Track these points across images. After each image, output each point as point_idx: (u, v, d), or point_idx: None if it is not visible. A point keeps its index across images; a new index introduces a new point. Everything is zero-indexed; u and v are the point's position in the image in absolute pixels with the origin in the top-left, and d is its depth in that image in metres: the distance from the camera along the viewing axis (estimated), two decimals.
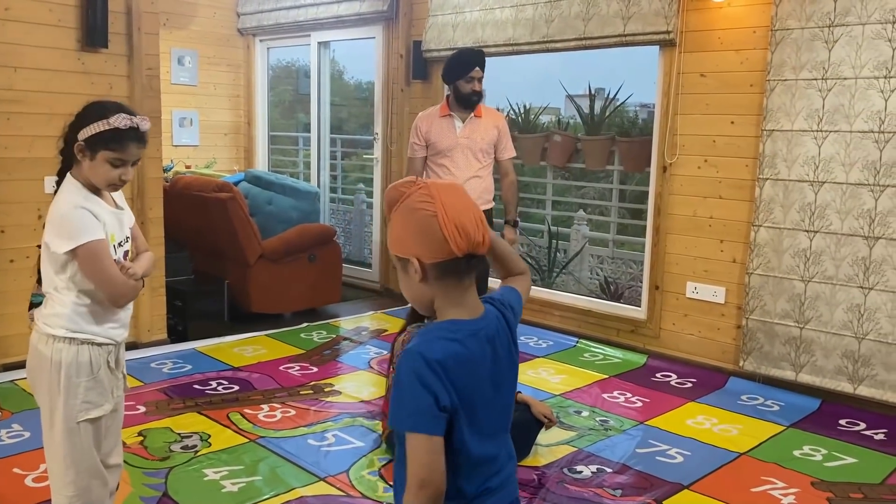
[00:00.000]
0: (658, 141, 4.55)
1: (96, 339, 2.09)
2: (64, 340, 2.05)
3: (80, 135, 2.02)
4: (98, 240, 2.02)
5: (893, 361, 3.73)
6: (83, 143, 2.02)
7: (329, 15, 6.29)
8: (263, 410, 3.62)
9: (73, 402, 2.07)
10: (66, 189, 2.06)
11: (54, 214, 2.04)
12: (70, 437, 2.08)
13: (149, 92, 4.39)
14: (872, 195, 3.74)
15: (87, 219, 2.02)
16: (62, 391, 2.06)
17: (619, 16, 4.55)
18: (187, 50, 6.67)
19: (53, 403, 2.08)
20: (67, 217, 2.01)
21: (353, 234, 7.67)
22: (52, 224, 2.03)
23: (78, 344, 2.06)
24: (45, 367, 2.07)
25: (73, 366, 2.06)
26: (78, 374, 2.07)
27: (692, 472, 3.11)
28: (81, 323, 2.07)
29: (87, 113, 2.04)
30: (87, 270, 2.02)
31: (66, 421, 2.07)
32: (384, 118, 6.09)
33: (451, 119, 4.02)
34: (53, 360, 2.05)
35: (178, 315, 4.81)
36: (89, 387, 2.09)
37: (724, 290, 4.34)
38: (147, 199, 4.44)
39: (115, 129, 2.00)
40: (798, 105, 3.94)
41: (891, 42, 3.64)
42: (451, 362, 1.30)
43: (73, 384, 2.06)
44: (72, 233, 2.00)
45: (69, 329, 2.05)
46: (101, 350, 2.11)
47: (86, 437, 2.10)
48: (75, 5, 4.07)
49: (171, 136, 6.55)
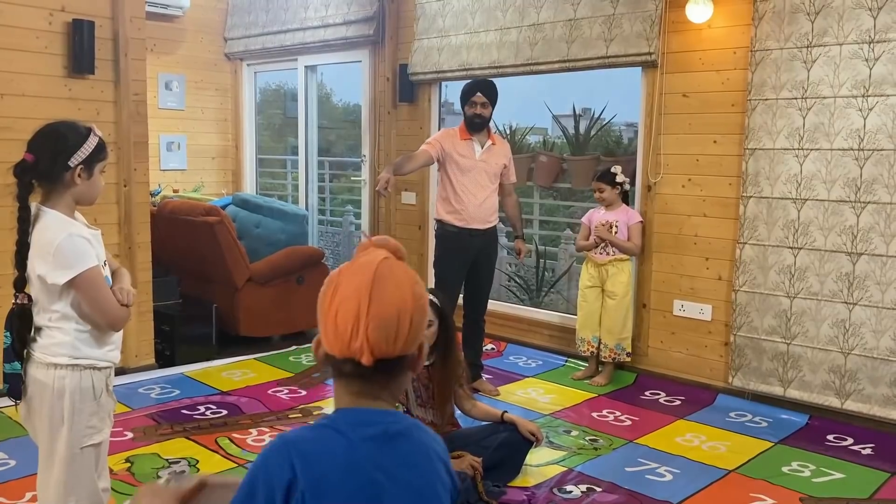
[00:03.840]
0: (642, 160, 4.60)
1: (98, 363, 2.11)
2: (67, 368, 2.05)
3: (74, 160, 2.03)
4: (94, 266, 2.03)
5: (879, 376, 3.76)
6: (83, 166, 2.04)
7: (316, 39, 6.34)
8: (252, 435, 3.61)
9: (78, 429, 2.07)
10: (51, 220, 2.05)
11: (46, 247, 2.01)
12: (72, 464, 2.08)
13: (136, 117, 4.41)
14: (854, 212, 3.79)
15: (82, 246, 2.03)
16: (66, 419, 2.06)
17: (601, 38, 4.62)
18: (174, 75, 6.69)
19: (55, 432, 2.07)
20: (63, 247, 2.00)
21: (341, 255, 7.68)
22: (45, 256, 2.01)
23: (81, 370, 2.07)
24: (46, 397, 2.06)
25: (77, 392, 2.07)
26: (82, 400, 2.08)
27: (681, 490, 3.12)
28: (84, 349, 2.08)
29: (64, 138, 2.05)
30: (86, 298, 2.03)
31: (70, 448, 2.07)
32: (372, 140, 6.13)
33: (471, 143, 4.33)
34: (56, 389, 2.05)
35: (166, 339, 4.79)
36: (93, 412, 2.10)
37: (710, 307, 4.37)
38: (134, 223, 4.44)
39: (100, 139, 2.10)
40: (779, 124, 3.99)
41: (867, 62, 3.71)
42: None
43: (78, 410, 2.07)
44: (69, 262, 2.00)
45: (72, 356, 2.06)
46: (101, 375, 2.12)
47: (88, 462, 2.11)
48: (62, 32, 4.09)
49: (158, 161, 6.56)
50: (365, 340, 1.09)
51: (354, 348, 1.09)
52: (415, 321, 1.14)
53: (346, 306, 1.11)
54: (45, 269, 2.02)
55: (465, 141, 4.31)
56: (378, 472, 1.12)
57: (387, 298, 1.11)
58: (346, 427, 1.14)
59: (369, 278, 1.12)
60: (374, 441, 1.14)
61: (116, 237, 4.38)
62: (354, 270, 1.14)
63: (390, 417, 1.17)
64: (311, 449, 1.12)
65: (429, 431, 1.23)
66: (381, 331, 1.10)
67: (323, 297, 1.15)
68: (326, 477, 1.10)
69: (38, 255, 2.03)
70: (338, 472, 1.11)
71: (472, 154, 4.29)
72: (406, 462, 1.15)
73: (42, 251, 2.03)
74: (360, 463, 1.12)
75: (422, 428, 1.23)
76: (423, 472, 1.17)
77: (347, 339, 1.10)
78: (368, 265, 1.14)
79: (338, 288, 1.14)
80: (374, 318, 1.10)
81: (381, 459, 1.13)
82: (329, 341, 1.12)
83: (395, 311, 1.11)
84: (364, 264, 1.15)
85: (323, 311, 1.14)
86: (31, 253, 2.05)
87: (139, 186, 4.46)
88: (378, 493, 1.12)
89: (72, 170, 2.04)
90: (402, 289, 1.13)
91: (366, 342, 1.09)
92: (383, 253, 1.17)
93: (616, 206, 4.52)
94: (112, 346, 2.16)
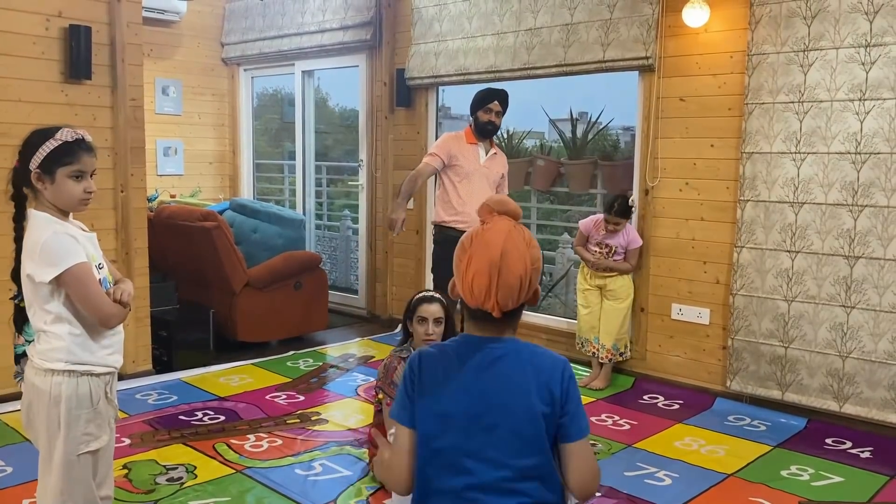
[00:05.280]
0: (640, 164, 4.60)
1: (95, 369, 2.09)
2: (63, 374, 2.04)
3: (32, 163, 2.02)
4: (82, 262, 2.02)
5: (877, 379, 3.76)
6: (39, 170, 2.01)
7: (313, 44, 6.35)
8: (250, 440, 3.59)
9: (74, 436, 2.06)
10: (38, 221, 2.05)
11: (32, 246, 2.02)
12: (69, 471, 2.07)
13: (132, 122, 4.40)
14: (851, 215, 3.80)
15: (68, 243, 2.02)
16: (62, 425, 2.05)
17: (598, 42, 4.62)
18: (171, 80, 6.69)
19: (52, 439, 2.07)
20: (48, 244, 2.00)
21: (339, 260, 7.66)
22: (32, 255, 2.02)
23: (77, 376, 2.06)
24: (43, 403, 2.05)
25: (73, 399, 2.05)
26: (78, 407, 2.06)
27: (680, 495, 3.11)
28: (80, 353, 2.06)
29: (29, 143, 2.05)
30: (75, 295, 2.02)
31: (66, 454, 2.06)
32: (369, 145, 6.13)
33: (476, 147, 4.39)
34: (52, 395, 2.04)
35: (164, 345, 4.77)
36: (89, 419, 2.08)
37: (708, 311, 4.37)
38: (131, 229, 4.43)
39: (63, 142, 2.03)
40: (776, 128, 4.00)
41: (864, 65, 3.72)
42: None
43: (74, 417, 2.06)
44: (55, 259, 1.99)
45: (68, 361, 2.05)
46: (99, 381, 2.11)
47: (84, 469, 2.10)
48: (59, 37, 4.09)
49: (155, 166, 6.55)
50: (495, 302, 1.45)
51: (487, 306, 1.46)
52: (532, 281, 1.49)
53: (479, 280, 1.45)
54: (32, 267, 2.02)
55: (471, 145, 4.37)
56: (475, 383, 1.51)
57: (512, 271, 1.44)
58: (464, 350, 1.54)
59: (497, 255, 1.44)
60: (479, 366, 1.51)
61: (113, 242, 4.38)
62: (485, 243, 1.46)
63: (497, 344, 1.52)
64: (428, 359, 1.56)
65: (534, 352, 1.54)
66: (508, 295, 1.46)
67: (458, 263, 1.52)
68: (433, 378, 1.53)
69: (27, 255, 2.04)
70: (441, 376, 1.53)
71: (477, 159, 4.35)
72: (499, 382, 1.50)
73: (29, 251, 2.03)
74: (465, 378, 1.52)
75: (522, 352, 1.54)
76: (512, 390, 1.50)
77: (482, 300, 1.47)
78: (496, 242, 1.45)
79: (471, 260, 1.47)
80: (503, 288, 1.44)
81: (480, 379, 1.51)
82: (465, 296, 1.50)
83: (518, 279, 1.45)
84: (491, 240, 1.46)
85: (459, 275, 1.51)
86: (22, 255, 2.05)
87: (136, 192, 4.46)
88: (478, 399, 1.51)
89: (33, 174, 2.03)
90: (523, 260, 1.46)
91: (496, 303, 1.45)
92: (506, 223, 1.47)
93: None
94: (110, 349, 2.14)
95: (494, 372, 1.51)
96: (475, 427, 1.49)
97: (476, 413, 1.50)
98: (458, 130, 4.50)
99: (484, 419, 1.49)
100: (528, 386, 1.49)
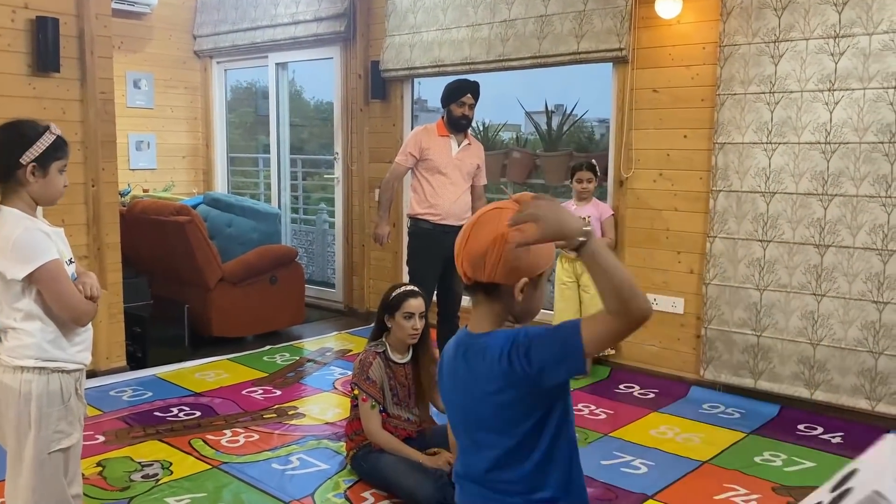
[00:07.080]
0: (614, 155, 4.63)
1: (66, 366, 2.07)
2: (34, 371, 2.02)
3: (26, 157, 1.99)
4: (54, 260, 2.00)
5: (847, 366, 3.82)
6: (35, 164, 2.00)
7: (286, 36, 6.29)
8: (226, 436, 3.57)
9: (45, 434, 2.04)
10: (8, 217, 2.02)
11: (3, 242, 1.99)
12: (40, 470, 2.04)
13: (103, 116, 4.34)
14: (822, 204, 3.85)
15: (41, 239, 2.00)
16: (33, 423, 2.02)
17: (572, 34, 4.64)
18: (143, 73, 6.60)
19: (22, 437, 2.04)
20: (21, 241, 1.97)
21: (315, 254, 7.62)
22: (3, 252, 1.99)
23: (48, 373, 2.04)
24: (12, 401, 2.03)
25: (45, 396, 2.03)
26: (49, 405, 2.04)
27: (656, 483, 3.15)
28: (51, 350, 2.04)
29: (17, 137, 2.01)
30: (47, 292, 2.00)
31: (38, 453, 2.03)
32: (344, 138, 6.10)
33: (448, 140, 4.32)
34: (23, 392, 2.01)
35: (138, 341, 4.72)
36: (60, 416, 2.06)
37: (682, 300, 4.41)
38: (103, 224, 4.37)
39: (58, 136, 2.05)
40: (748, 118, 4.04)
41: (833, 56, 3.77)
42: None
43: (45, 415, 2.03)
44: (28, 256, 1.97)
45: (39, 358, 2.02)
46: (69, 378, 2.09)
47: (56, 468, 2.07)
48: (25, 29, 4.02)
49: (127, 160, 6.47)
50: (460, 266, 1.51)
51: (460, 271, 1.52)
52: (504, 260, 1.44)
53: (458, 241, 1.52)
54: (4, 264, 1.98)
55: (443, 138, 4.32)
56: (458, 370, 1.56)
57: (479, 240, 1.46)
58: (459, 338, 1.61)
59: (473, 221, 1.50)
60: (458, 355, 1.56)
61: (85, 238, 4.32)
62: (477, 214, 1.52)
63: (471, 339, 1.55)
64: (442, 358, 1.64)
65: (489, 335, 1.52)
66: (470, 262, 1.48)
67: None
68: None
69: None
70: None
71: (449, 152, 4.31)
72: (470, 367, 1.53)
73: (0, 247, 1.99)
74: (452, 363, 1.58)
75: (488, 345, 1.51)
76: (478, 373, 1.51)
77: (458, 262, 1.51)
78: (480, 213, 1.50)
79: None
80: (467, 254, 1.48)
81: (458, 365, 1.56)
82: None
83: (484, 249, 1.45)
84: (480, 212, 1.51)
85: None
86: None
87: (107, 186, 4.40)
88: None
89: (24, 167, 2.00)
90: (494, 234, 1.44)
91: (461, 267, 1.51)
92: (508, 205, 1.47)
93: (587, 200, 4.55)
94: (81, 346, 2.12)
95: (466, 366, 1.55)
96: (468, 422, 1.56)
97: (462, 405, 1.56)
98: (430, 123, 4.47)
99: (468, 414, 1.55)
100: (480, 372, 1.48)
